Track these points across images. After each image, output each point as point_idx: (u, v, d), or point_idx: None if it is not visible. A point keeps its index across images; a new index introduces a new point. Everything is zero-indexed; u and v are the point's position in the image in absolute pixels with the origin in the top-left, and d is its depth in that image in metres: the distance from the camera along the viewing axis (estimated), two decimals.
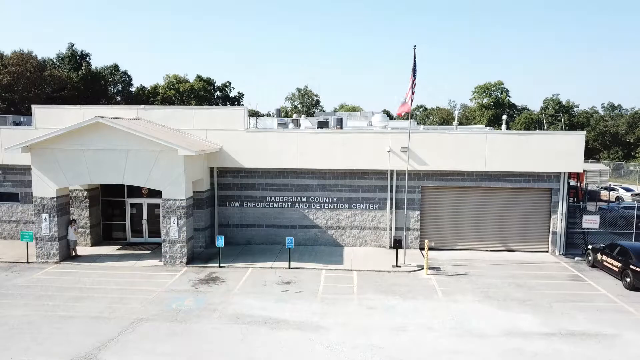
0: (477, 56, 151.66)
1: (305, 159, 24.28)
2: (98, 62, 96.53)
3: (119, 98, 73.64)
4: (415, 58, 21.68)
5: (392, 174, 24.56)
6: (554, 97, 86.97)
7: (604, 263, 21.54)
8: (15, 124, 33.85)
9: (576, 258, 23.85)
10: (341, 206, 25.03)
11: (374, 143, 23.98)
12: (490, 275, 21.09)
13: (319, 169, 24.72)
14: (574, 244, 25.56)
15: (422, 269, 21.55)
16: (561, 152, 23.40)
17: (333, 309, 17.05)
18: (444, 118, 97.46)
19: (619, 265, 20.34)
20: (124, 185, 24.78)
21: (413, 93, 21.92)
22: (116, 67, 74.01)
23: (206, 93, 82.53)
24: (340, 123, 30.41)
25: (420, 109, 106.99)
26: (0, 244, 25.14)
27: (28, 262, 22.09)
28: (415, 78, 21.79)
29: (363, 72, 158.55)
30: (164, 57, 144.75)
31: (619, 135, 77.97)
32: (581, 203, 28.66)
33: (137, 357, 13.51)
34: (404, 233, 23.70)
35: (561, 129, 63.61)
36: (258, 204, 25.29)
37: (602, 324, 16.05)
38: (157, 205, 24.75)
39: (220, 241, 21.75)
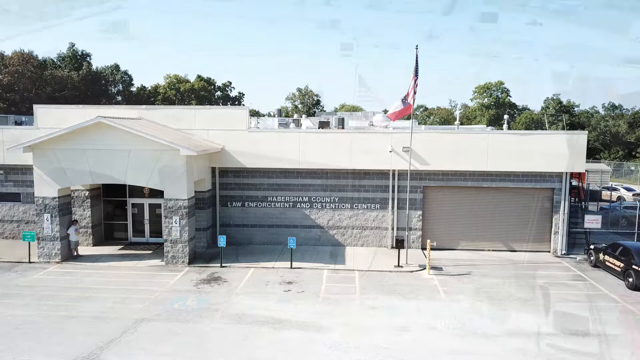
0: (478, 55, 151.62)
1: (306, 159, 24.25)
2: (99, 62, 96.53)
3: (119, 98, 73.72)
4: (417, 58, 21.69)
5: (393, 174, 24.53)
6: (555, 97, 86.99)
7: (606, 263, 21.52)
8: (17, 123, 33.82)
9: (578, 258, 23.84)
10: (343, 206, 25.02)
11: (376, 143, 23.97)
12: (493, 275, 21.07)
13: (321, 169, 24.70)
14: (576, 244, 25.52)
15: (424, 269, 21.54)
16: (563, 152, 23.38)
17: (335, 309, 17.04)
18: (444, 118, 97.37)
19: (622, 265, 20.32)
20: (125, 185, 24.77)
21: (415, 93, 21.94)
22: (117, 67, 74.10)
23: (207, 93, 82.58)
24: (342, 123, 30.38)
25: (421, 109, 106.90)
26: (2, 243, 25.15)
27: (30, 262, 22.09)
28: (417, 78, 21.81)
29: (363, 71, 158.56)
30: (164, 57, 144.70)
31: (620, 135, 77.91)
32: (583, 203, 28.62)
33: (139, 357, 13.51)
34: (406, 233, 23.67)
35: (562, 129, 63.60)
36: (260, 204, 25.27)
37: (605, 324, 16.04)
38: (159, 205, 24.73)
39: (222, 241, 21.72)
